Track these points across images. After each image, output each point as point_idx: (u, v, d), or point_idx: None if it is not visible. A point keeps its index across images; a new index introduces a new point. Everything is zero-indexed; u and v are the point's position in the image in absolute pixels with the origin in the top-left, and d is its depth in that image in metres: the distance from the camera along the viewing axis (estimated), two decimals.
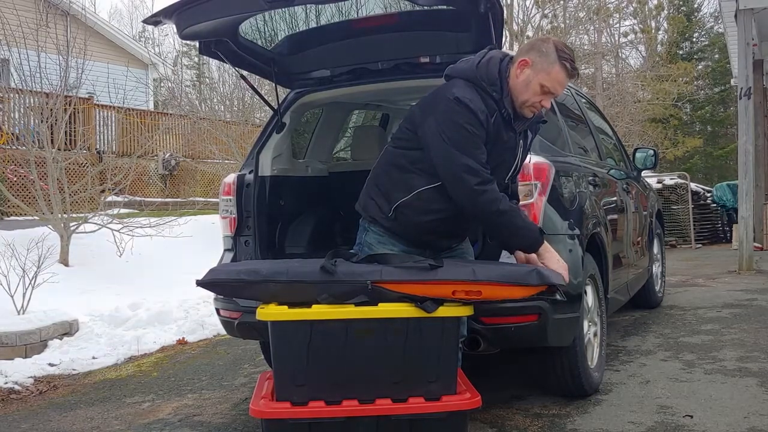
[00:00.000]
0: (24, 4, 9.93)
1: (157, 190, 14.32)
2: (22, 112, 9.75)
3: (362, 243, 3.03)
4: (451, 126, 2.77)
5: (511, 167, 2.99)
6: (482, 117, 2.78)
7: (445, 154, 2.77)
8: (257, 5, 3.21)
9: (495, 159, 2.86)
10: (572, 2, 20.27)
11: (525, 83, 2.80)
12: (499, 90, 2.82)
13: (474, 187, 2.75)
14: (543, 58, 2.78)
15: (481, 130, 2.78)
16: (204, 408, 4.00)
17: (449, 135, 2.75)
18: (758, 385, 3.82)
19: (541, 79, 2.78)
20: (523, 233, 2.84)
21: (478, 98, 2.80)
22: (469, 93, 2.81)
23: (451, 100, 2.78)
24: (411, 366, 2.70)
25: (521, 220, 2.85)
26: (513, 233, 2.85)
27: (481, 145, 2.79)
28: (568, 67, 2.79)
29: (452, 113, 2.78)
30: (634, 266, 5.22)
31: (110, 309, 6.35)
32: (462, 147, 2.76)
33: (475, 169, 2.75)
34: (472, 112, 2.76)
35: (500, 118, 2.83)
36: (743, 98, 9.02)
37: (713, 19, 29.44)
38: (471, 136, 2.77)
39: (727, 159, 28.03)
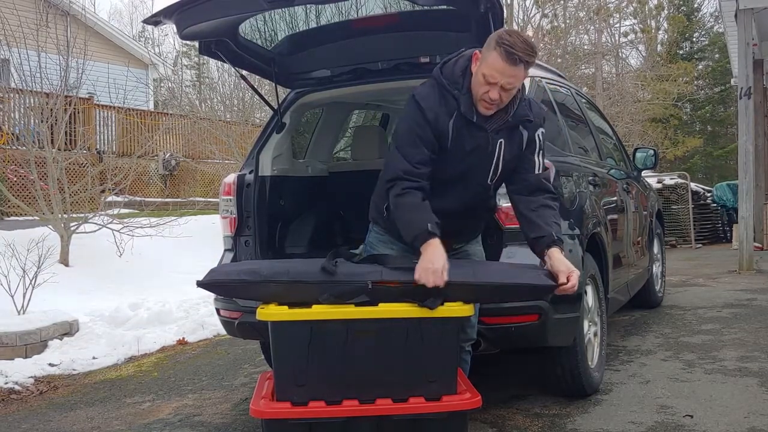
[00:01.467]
0: (24, 4, 9.92)
1: (158, 190, 14.32)
2: (22, 112, 9.75)
3: (367, 243, 3.07)
4: (401, 123, 2.85)
5: (488, 169, 2.86)
6: (430, 115, 2.74)
7: (390, 148, 2.87)
8: (257, 5, 3.21)
9: (461, 161, 2.81)
10: (572, 2, 20.27)
11: (476, 77, 2.71)
12: (461, 87, 2.76)
13: (386, 182, 2.81)
14: (486, 48, 2.67)
15: (426, 129, 2.75)
16: (204, 408, 4.00)
17: (397, 130, 2.86)
18: (758, 384, 3.82)
19: (482, 69, 2.67)
20: (407, 229, 2.75)
21: (435, 97, 2.78)
22: (426, 91, 2.81)
23: (410, 98, 2.82)
24: (411, 366, 2.70)
25: (410, 214, 2.73)
26: (402, 227, 2.79)
27: (420, 144, 2.76)
28: (503, 52, 2.60)
29: (407, 110, 2.84)
30: (635, 266, 5.22)
31: (110, 309, 6.35)
32: (399, 143, 2.81)
33: (397, 167, 2.76)
34: (419, 110, 2.76)
35: (463, 118, 2.76)
36: (743, 98, 9.02)
37: (713, 18, 29.46)
38: (409, 134, 2.78)
39: (727, 159, 28.04)
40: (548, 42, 19.44)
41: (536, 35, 18.82)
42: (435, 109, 2.75)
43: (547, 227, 2.82)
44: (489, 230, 3.38)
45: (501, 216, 3.35)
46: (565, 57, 18.96)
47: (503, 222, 3.35)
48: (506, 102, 2.75)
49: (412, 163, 2.75)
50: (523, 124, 2.87)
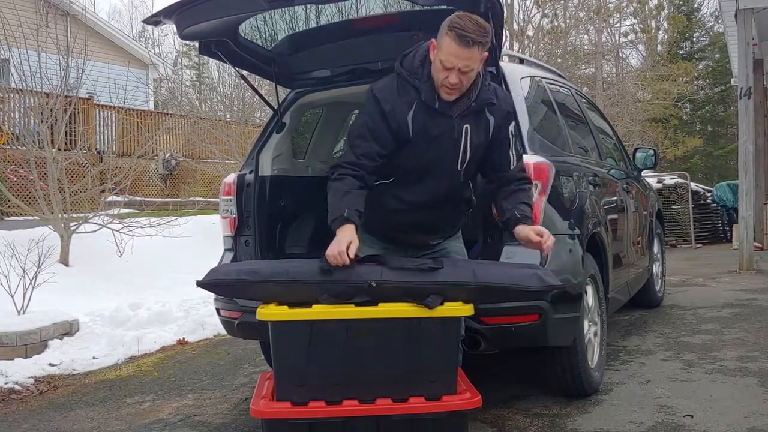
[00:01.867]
0: (24, 4, 9.92)
1: (158, 190, 14.32)
2: (22, 112, 9.76)
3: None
4: (358, 116, 3.00)
5: (456, 155, 2.90)
6: (386, 107, 2.81)
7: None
8: (257, 5, 3.21)
9: (428, 149, 2.87)
10: (572, 2, 20.27)
11: (434, 64, 2.78)
12: (420, 77, 2.82)
13: (330, 170, 2.95)
14: (440, 35, 2.74)
15: (380, 123, 2.83)
16: (204, 408, 4.00)
17: (352, 123, 3.01)
18: (758, 384, 3.82)
19: (439, 55, 2.73)
20: (330, 211, 2.83)
21: (393, 89, 2.85)
22: (383, 84, 2.90)
23: (368, 91, 2.93)
24: (411, 366, 2.70)
25: (334, 199, 2.83)
26: (329, 210, 2.85)
27: (369, 138, 2.85)
28: (455, 36, 2.66)
29: (365, 104, 2.96)
30: (635, 266, 5.22)
31: (110, 309, 6.35)
32: (349, 136, 2.98)
33: (342, 158, 2.92)
34: (375, 103, 2.85)
35: (425, 106, 2.82)
36: (743, 98, 9.02)
37: (713, 18, 29.46)
38: (361, 127, 2.90)
39: (727, 159, 28.05)
40: (548, 42, 19.45)
41: (536, 35, 18.83)
42: (392, 101, 2.82)
43: (512, 209, 2.92)
44: (489, 230, 3.38)
45: None
46: (565, 57, 18.97)
47: None
48: (467, 86, 2.81)
49: (357, 154, 2.86)
50: (488, 107, 2.92)
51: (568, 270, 3.42)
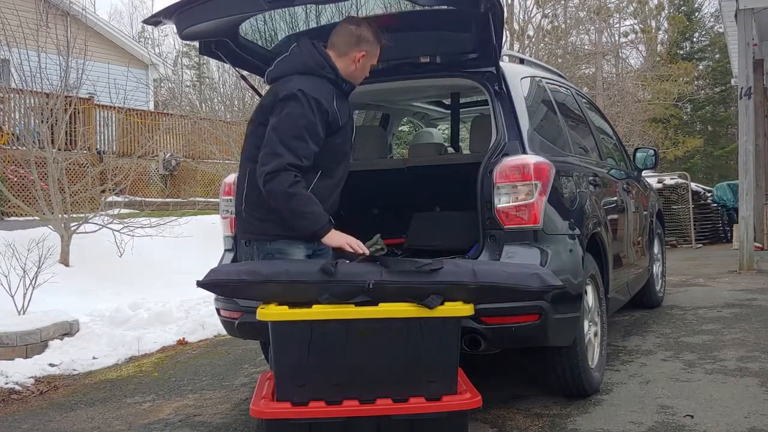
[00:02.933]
0: (24, 4, 9.93)
1: (158, 190, 14.32)
2: (22, 113, 9.76)
3: (271, 252, 3.05)
4: (283, 118, 3.00)
5: (352, 136, 3.29)
6: (320, 102, 2.97)
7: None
8: (257, 5, 3.20)
9: (347, 132, 3.17)
10: (573, 2, 20.28)
11: (363, 69, 3.16)
12: (326, 68, 3.06)
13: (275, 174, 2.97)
14: (371, 45, 3.14)
15: (314, 118, 2.96)
16: (204, 408, 4.00)
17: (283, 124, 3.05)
18: (759, 385, 3.82)
19: (372, 60, 3.19)
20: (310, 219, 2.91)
21: (314, 84, 3.00)
22: (303, 83, 2.99)
23: (293, 94, 2.96)
24: (411, 366, 2.70)
25: (309, 206, 2.91)
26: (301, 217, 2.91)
27: (306, 137, 2.96)
28: (381, 47, 3.19)
29: (288, 106, 2.98)
30: (635, 266, 5.22)
31: (111, 309, 6.35)
32: (283, 136, 3.00)
33: (287, 161, 2.93)
34: (307, 100, 2.95)
35: (339, 93, 3.07)
36: (743, 98, 9.02)
37: (714, 18, 29.45)
38: (297, 128, 2.96)
39: (727, 159, 28.03)
40: (548, 42, 19.45)
41: (537, 35, 18.83)
42: (318, 94, 2.97)
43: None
44: (489, 230, 3.38)
45: (501, 216, 3.35)
46: (565, 57, 18.97)
47: (503, 222, 3.35)
48: None
49: (300, 156, 2.91)
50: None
51: (569, 270, 3.42)
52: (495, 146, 3.51)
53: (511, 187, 3.36)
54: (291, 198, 2.87)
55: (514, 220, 3.35)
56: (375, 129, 5.49)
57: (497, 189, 3.36)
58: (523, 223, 3.34)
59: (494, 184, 3.37)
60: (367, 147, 4.86)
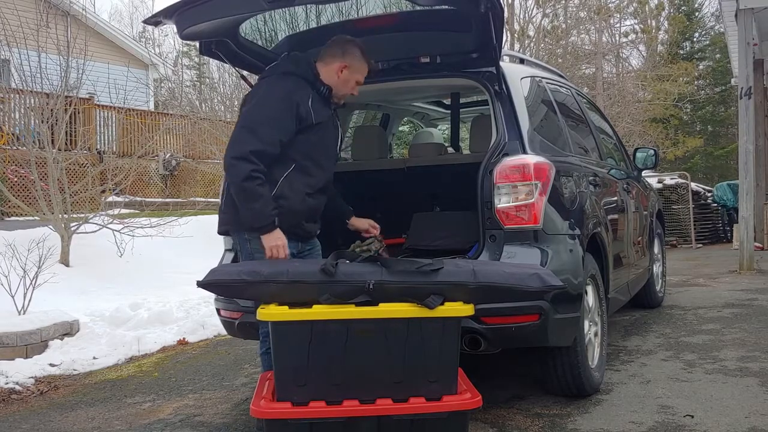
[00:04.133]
0: (24, 4, 9.92)
1: (158, 190, 14.32)
2: (22, 113, 9.76)
3: (251, 252, 3.16)
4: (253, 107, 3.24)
5: (336, 142, 3.48)
6: (292, 95, 3.16)
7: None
8: (257, 5, 3.21)
9: (324, 134, 3.31)
10: (573, 2, 20.27)
11: (349, 82, 3.32)
12: (309, 74, 3.26)
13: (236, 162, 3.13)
14: (357, 60, 3.30)
15: (285, 110, 3.16)
16: (205, 408, 4.00)
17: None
18: (759, 384, 3.82)
19: (356, 76, 3.33)
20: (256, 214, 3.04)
21: (290, 84, 3.20)
22: (278, 82, 3.23)
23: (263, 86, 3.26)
24: (412, 366, 2.70)
25: (257, 203, 3.02)
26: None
27: (273, 125, 3.15)
28: (369, 64, 3.36)
29: (261, 96, 3.24)
30: (635, 266, 5.22)
31: (111, 309, 6.35)
32: (250, 123, 3.20)
33: (249, 148, 3.09)
34: (280, 91, 3.18)
35: (317, 96, 3.23)
36: (744, 98, 9.02)
37: (714, 18, 29.44)
38: (263, 116, 3.16)
39: (727, 159, 28.03)
40: (549, 42, 19.45)
41: (537, 35, 18.83)
42: (294, 90, 3.17)
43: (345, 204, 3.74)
44: (489, 230, 3.39)
45: (501, 216, 3.35)
46: (565, 57, 18.97)
47: (503, 222, 3.35)
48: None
49: (263, 142, 3.06)
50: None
51: (569, 270, 3.42)
52: (495, 146, 3.51)
53: (511, 187, 3.37)
54: (243, 190, 3.02)
55: (514, 220, 3.35)
56: (375, 129, 5.49)
57: (497, 189, 3.37)
58: (524, 223, 3.35)
59: (494, 184, 3.37)
60: (367, 147, 4.86)
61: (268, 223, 3.03)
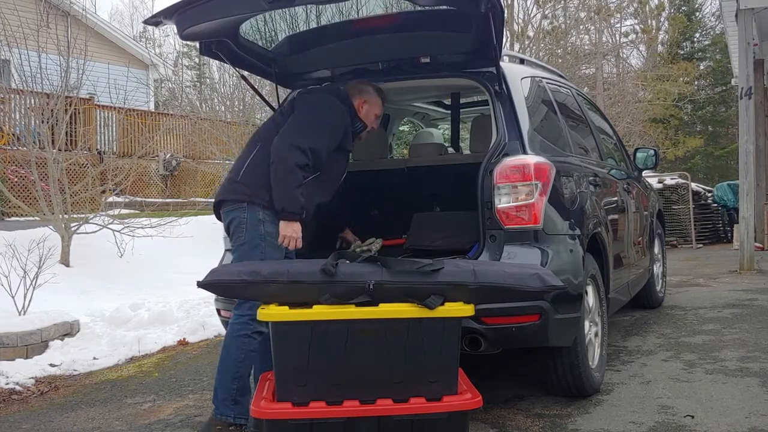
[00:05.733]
0: (24, 4, 9.91)
1: (158, 190, 14.32)
2: (22, 113, 9.76)
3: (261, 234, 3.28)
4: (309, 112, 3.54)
5: (345, 167, 3.73)
6: (348, 119, 3.55)
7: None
8: (258, 5, 3.21)
9: (344, 159, 3.65)
10: (573, 2, 20.26)
11: (369, 115, 3.65)
12: (350, 108, 3.57)
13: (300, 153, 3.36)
14: (370, 96, 3.64)
15: (341, 128, 3.52)
16: (205, 408, 4.00)
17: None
18: (759, 385, 3.82)
19: (375, 110, 3.68)
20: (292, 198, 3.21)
21: (344, 109, 3.54)
22: (338, 102, 3.57)
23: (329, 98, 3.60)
24: (412, 366, 2.70)
25: (297, 189, 3.21)
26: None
27: (327, 136, 3.46)
28: (383, 100, 3.73)
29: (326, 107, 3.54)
30: (635, 266, 5.22)
31: (111, 309, 6.35)
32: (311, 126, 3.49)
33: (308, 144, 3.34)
34: (342, 111, 3.53)
35: (351, 128, 3.54)
36: (744, 98, 9.02)
37: (714, 18, 29.42)
38: (326, 124, 3.49)
39: (728, 159, 28.01)
40: (549, 42, 19.45)
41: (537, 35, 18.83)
42: (347, 116, 3.52)
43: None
44: (489, 230, 3.39)
45: (501, 216, 3.35)
46: (565, 57, 18.96)
47: (503, 222, 3.35)
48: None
49: (318, 147, 3.31)
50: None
51: (569, 270, 3.42)
52: (495, 146, 3.51)
53: (511, 187, 3.37)
54: (292, 173, 3.19)
55: (514, 220, 3.35)
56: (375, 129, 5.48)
57: (497, 189, 3.37)
58: (524, 223, 3.35)
59: (494, 185, 3.37)
60: (367, 147, 4.85)
61: (297, 210, 3.21)
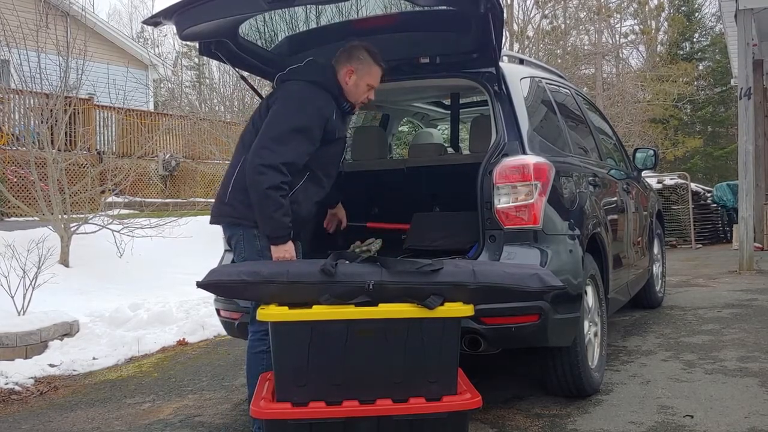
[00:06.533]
0: (24, 4, 9.91)
1: (158, 190, 14.31)
2: (22, 113, 9.76)
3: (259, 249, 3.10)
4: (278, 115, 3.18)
5: (342, 152, 3.52)
6: (323, 108, 3.14)
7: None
8: (257, 5, 3.20)
9: (339, 147, 3.35)
10: (573, 2, 20.27)
11: (358, 87, 3.24)
12: (333, 87, 3.21)
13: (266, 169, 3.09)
14: (362, 62, 3.24)
15: (316, 121, 3.14)
16: (204, 408, 4.00)
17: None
18: (759, 385, 3.82)
19: (367, 79, 3.25)
20: (275, 223, 2.99)
21: (317, 94, 3.15)
22: (308, 89, 3.17)
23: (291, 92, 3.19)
24: (412, 366, 2.70)
25: (278, 213, 2.98)
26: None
27: (303, 137, 3.13)
28: (383, 65, 3.29)
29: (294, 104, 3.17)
30: (635, 266, 5.22)
31: (111, 310, 6.35)
32: (279, 132, 3.15)
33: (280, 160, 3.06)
34: (311, 103, 3.14)
35: (338, 110, 3.21)
36: (743, 98, 9.02)
37: (714, 19, 29.43)
38: (294, 125, 3.11)
39: (727, 159, 28.02)
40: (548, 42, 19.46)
41: (536, 36, 18.84)
42: (323, 103, 3.14)
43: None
44: (488, 230, 3.39)
45: (501, 216, 3.35)
46: (565, 57, 18.97)
47: (503, 222, 3.35)
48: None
49: (296, 153, 3.05)
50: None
51: (568, 270, 3.42)
52: (495, 146, 3.51)
53: (510, 187, 3.37)
54: (267, 198, 2.97)
55: (513, 220, 3.35)
56: (375, 129, 5.49)
57: (497, 189, 3.37)
58: (523, 223, 3.35)
59: (494, 185, 3.37)
60: (367, 147, 4.86)
61: (284, 234, 3.01)
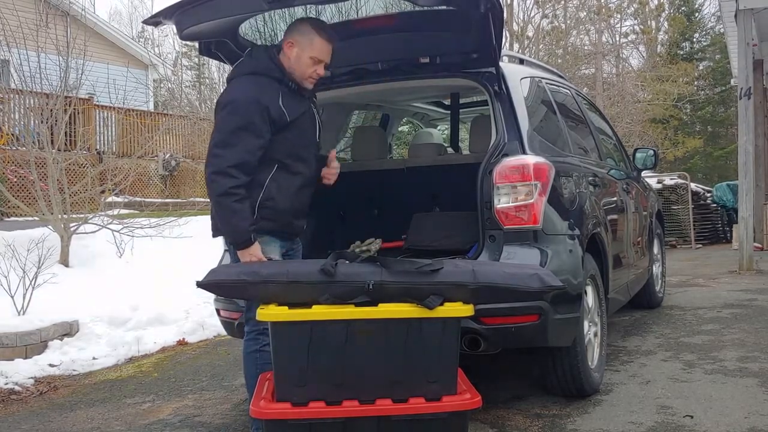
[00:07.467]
0: (24, 4, 9.91)
1: (157, 190, 14.31)
2: (22, 113, 9.75)
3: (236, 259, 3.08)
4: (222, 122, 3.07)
5: (315, 133, 3.28)
6: (260, 99, 3.01)
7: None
8: (257, 5, 3.20)
9: (303, 129, 3.17)
10: (573, 2, 20.28)
11: (300, 60, 3.09)
12: (275, 70, 3.09)
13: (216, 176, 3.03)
14: (304, 35, 3.10)
15: (256, 114, 3.01)
16: (204, 408, 4.00)
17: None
18: (759, 385, 3.82)
19: (309, 53, 3.10)
20: (232, 229, 2.98)
21: (254, 86, 3.05)
22: (241, 87, 3.08)
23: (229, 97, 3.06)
24: (411, 366, 2.70)
25: (234, 218, 2.96)
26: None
27: (246, 134, 3.02)
28: (327, 36, 3.12)
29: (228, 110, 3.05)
30: (635, 266, 5.22)
31: (110, 310, 6.35)
32: (223, 135, 3.06)
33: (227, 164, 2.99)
34: (245, 99, 3.02)
35: (288, 91, 3.09)
36: (743, 98, 9.02)
37: (714, 19, 29.43)
38: (234, 126, 3.02)
39: (727, 159, 28.02)
40: (548, 42, 19.47)
41: (536, 36, 18.84)
42: (260, 93, 3.02)
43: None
44: (488, 230, 3.39)
45: (501, 216, 3.35)
46: (565, 57, 18.98)
47: (503, 222, 3.35)
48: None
49: (243, 150, 2.96)
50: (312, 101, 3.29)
51: (568, 270, 3.42)
52: (495, 146, 3.51)
53: (510, 187, 3.37)
54: (218, 205, 2.98)
55: (513, 220, 3.35)
56: (375, 129, 5.49)
57: (497, 189, 3.37)
58: (523, 223, 3.35)
59: (494, 185, 3.37)
60: (367, 147, 4.86)
61: (244, 239, 2.98)
